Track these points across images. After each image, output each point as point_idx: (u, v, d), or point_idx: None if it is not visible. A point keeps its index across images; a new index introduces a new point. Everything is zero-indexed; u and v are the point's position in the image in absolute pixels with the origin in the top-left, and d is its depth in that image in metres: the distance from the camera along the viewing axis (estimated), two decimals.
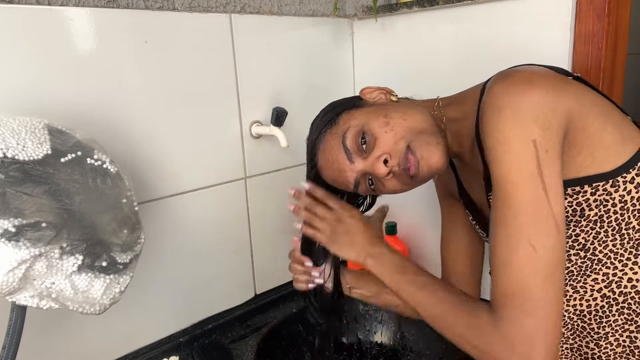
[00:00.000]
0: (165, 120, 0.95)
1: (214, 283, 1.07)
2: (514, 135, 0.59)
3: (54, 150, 0.65)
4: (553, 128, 0.60)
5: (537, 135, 0.58)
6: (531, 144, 0.58)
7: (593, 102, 0.64)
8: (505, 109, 0.60)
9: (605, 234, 0.65)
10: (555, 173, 0.59)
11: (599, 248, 0.66)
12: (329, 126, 0.76)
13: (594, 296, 0.68)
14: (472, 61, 1.04)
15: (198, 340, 1.03)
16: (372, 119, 0.73)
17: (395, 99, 0.78)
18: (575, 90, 0.64)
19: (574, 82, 0.67)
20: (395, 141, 0.71)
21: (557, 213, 0.59)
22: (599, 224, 0.65)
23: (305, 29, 1.16)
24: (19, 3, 0.76)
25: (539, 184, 0.58)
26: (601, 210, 0.64)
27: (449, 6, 1.04)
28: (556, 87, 0.62)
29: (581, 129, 0.62)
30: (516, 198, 0.59)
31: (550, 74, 0.65)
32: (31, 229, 0.61)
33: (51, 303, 0.66)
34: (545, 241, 0.58)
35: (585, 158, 0.63)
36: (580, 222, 0.65)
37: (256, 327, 1.08)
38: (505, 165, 0.60)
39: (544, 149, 0.59)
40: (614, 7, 0.86)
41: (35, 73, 0.79)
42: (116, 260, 0.70)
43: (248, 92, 1.07)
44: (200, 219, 1.03)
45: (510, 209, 0.59)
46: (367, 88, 0.80)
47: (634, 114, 0.70)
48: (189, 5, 0.95)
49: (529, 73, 0.64)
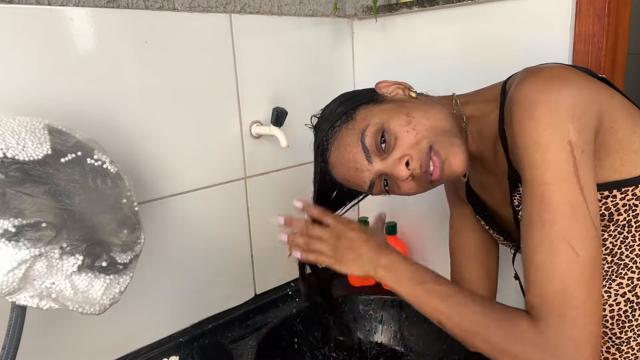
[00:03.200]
0: (166, 120, 0.95)
1: (214, 283, 1.07)
2: (550, 136, 0.57)
3: (54, 151, 0.65)
4: (587, 128, 0.58)
5: (573, 136, 0.56)
6: (567, 145, 0.56)
7: (622, 105, 0.62)
8: (539, 107, 0.58)
9: (632, 238, 0.63)
10: (591, 175, 0.58)
11: (626, 252, 0.64)
12: (344, 120, 0.71)
13: (618, 301, 0.66)
14: (472, 61, 1.04)
15: (198, 340, 1.03)
16: (393, 117, 0.69)
17: (414, 95, 0.74)
18: (605, 91, 0.62)
19: (601, 83, 0.64)
20: (418, 141, 0.67)
21: (594, 216, 0.57)
22: (627, 228, 0.63)
23: (305, 29, 1.16)
24: (19, 3, 0.76)
25: (576, 185, 0.56)
26: (630, 215, 0.62)
27: (449, 6, 1.04)
28: (589, 86, 0.60)
29: (611, 132, 0.60)
30: (554, 200, 0.57)
31: (580, 72, 0.63)
32: (31, 229, 0.61)
33: (51, 303, 0.66)
34: (586, 244, 0.56)
35: (614, 161, 0.61)
36: (609, 227, 0.64)
37: (256, 327, 1.08)
38: (541, 166, 0.57)
39: (579, 150, 0.57)
40: (614, 7, 0.86)
41: (35, 73, 0.79)
42: (116, 261, 0.70)
43: (248, 92, 1.07)
44: (200, 219, 1.03)
45: (548, 212, 0.57)
46: (384, 82, 0.76)
47: None
48: (189, 5, 0.95)
49: (560, 70, 0.61)
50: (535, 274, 0.58)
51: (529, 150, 0.58)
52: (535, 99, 0.58)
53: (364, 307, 1.14)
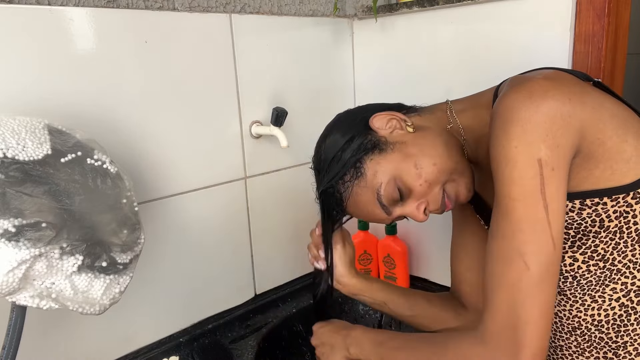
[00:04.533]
0: (166, 120, 0.95)
1: (214, 283, 1.07)
2: (519, 153, 0.58)
3: (54, 151, 0.65)
4: (562, 146, 0.58)
5: (543, 154, 0.57)
6: (536, 162, 0.58)
7: (612, 114, 0.62)
8: (514, 124, 0.59)
9: (624, 244, 0.64)
10: (559, 191, 0.59)
11: (618, 258, 0.65)
12: (354, 176, 0.73)
13: (612, 305, 0.67)
14: (472, 61, 1.04)
15: (198, 340, 1.03)
16: (403, 170, 0.71)
17: (411, 130, 0.74)
18: (593, 101, 0.61)
19: (593, 90, 0.64)
20: (431, 189, 0.72)
21: (556, 232, 0.59)
22: (619, 234, 0.64)
23: (305, 29, 1.16)
24: (19, 3, 0.76)
25: (540, 202, 0.58)
26: (621, 222, 0.63)
27: (449, 6, 1.04)
28: (572, 100, 0.59)
29: (598, 143, 0.60)
30: (515, 215, 0.59)
31: (567, 82, 0.63)
32: (31, 229, 0.61)
33: (51, 303, 0.66)
34: (539, 259, 0.58)
35: (604, 170, 0.61)
36: (600, 234, 0.64)
37: (256, 327, 1.08)
38: (508, 182, 0.59)
39: (549, 168, 0.58)
40: (614, 7, 0.86)
41: (35, 73, 0.79)
42: (116, 261, 0.70)
43: (248, 92, 1.07)
44: (200, 219, 1.03)
45: (509, 226, 0.59)
46: (378, 116, 0.74)
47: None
48: (189, 5, 0.95)
49: (543, 83, 0.61)
50: (487, 283, 0.62)
51: (500, 164, 0.60)
52: (511, 116, 0.59)
53: (364, 307, 1.14)
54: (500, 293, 0.60)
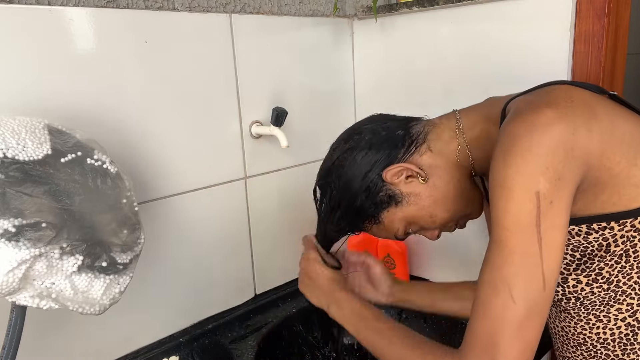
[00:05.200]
0: (166, 120, 0.95)
1: (214, 283, 1.07)
2: (517, 184, 0.56)
3: (54, 151, 0.65)
4: (564, 178, 0.57)
5: (542, 187, 0.56)
6: (534, 195, 0.56)
7: (623, 137, 0.60)
8: (512, 155, 0.57)
9: (630, 267, 0.63)
10: (557, 225, 0.57)
11: (623, 280, 0.64)
12: (372, 223, 0.78)
13: (618, 325, 0.66)
14: (472, 61, 1.04)
15: (198, 340, 1.03)
16: (419, 219, 0.76)
17: (424, 181, 0.74)
18: (602, 128, 0.59)
19: (605, 108, 0.61)
20: (445, 226, 0.78)
21: (548, 268, 0.57)
22: (625, 258, 0.62)
23: (305, 29, 1.16)
24: (19, 3, 0.76)
25: (534, 236, 0.56)
26: (627, 245, 0.61)
27: (449, 6, 1.04)
28: (577, 131, 0.57)
29: (605, 170, 0.59)
30: (507, 246, 0.57)
31: (575, 109, 0.59)
32: (31, 229, 0.61)
33: (51, 303, 0.66)
34: (527, 294, 0.57)
35: (611, 196, 0.60)
36: (605, 257, 0.63)
37: (256, 327, 1.08)
38: (503, 211, 0.58)
39: (547, 201, 0.56)
40: (614, 7, 0.86)
41: (35, 73, 0.79)
42: (116, 261, 0.70)
43: (248, 92, 1.07)
44: (200, 219, 1.03)
45: (500, 255, 0.58)
46: (391, 170, 0.73)
47: None
48: (189, 5, 0.95)
49: (547, 113, 0.58)
50: (474, 310, 0.60)
51: (497, 192, 0.59)
52: (512, 145, 0.58)
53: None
54: (483, 321, 0.58)
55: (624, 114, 0.62)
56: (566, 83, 0.66)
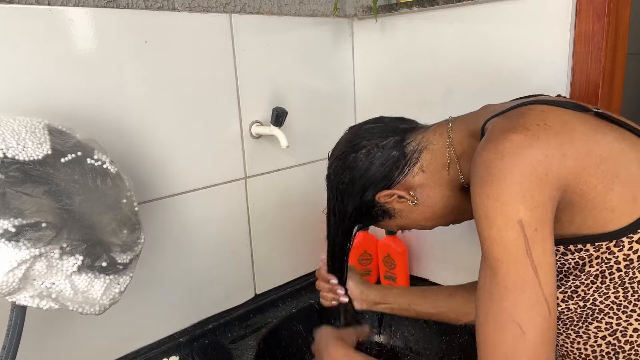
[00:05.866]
0: (165, 120, 0.95)
1: (214, 283, 1.07)
2: (497, 214, 0.56)
3: (54, 151, 0.65)
4: (542, 203, 0.56)
5: (523, 215, 0.55)
6: (517, 224, 0.55)
7: (601, 158, 0.58)
8: (487, 185, 0.57)
9: (606, 288, 0.62)
10: (547, 250, 0.56)
11: (600, 299, 0.63)
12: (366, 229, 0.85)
13: (599, 342, 0.65)
14: (472, 61, 1.04)
15: (198, 340, 1.03)
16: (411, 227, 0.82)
17: (414, 204, 0.76)
18: (578, 151, 0.57)
19: (584, 130, 0.59)
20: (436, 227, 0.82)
21: (549, 294, 0.56)
22: (601, 278, 0.62)
23: (305, 29, 1.16)
24: (19, 3, 0.76)
25: (527, 264, 0.55)
26: (603, 267, 0.61)
27: (449, 6, 1.04)
28: (549, 156, 0.56)
29: (580, 194, 0.58)
30: (503, 277, 0.56)
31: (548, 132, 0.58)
32: (31, 229, 0.61)
33: (51, 303, 0.66)
34: (534, 322, 0.56)
35: (586, 219, 0.59)
36: (580, 276, 0.63)
37: (256, 327, 1.08)
38: (490, 241, 0.57)
39: (532, 228, 0.55)
40: (614, 7, 0.86)
41: (35, 73, 0.79)
42: (116, 261, 0.70)
43: (248, 92, 1.07)
44: (200, 219, 1.03)
45: (497, 287, 0.57)
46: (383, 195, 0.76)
47: (634, 114, 0.69)
48: (189, 5, 0.95)
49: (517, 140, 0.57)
50: (481, 346, 0.59)
51: (480, 223, 0.58)
52: (486, 174, 0.57)
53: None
54: (496, 356, 0.57)
55: (607, 131, 0.61)
56: (545, 102, 0.64)
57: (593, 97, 0.89)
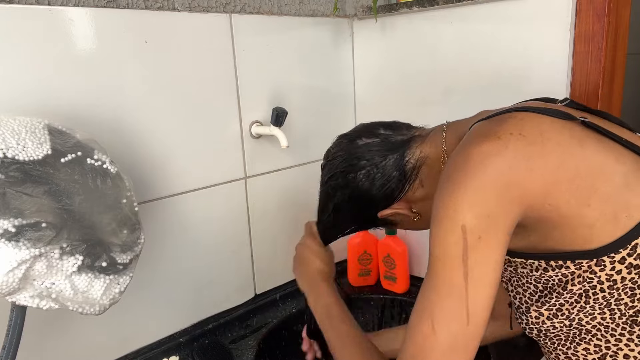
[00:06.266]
0: (165, 120, 0.95)
1: (214, 283, 1.07)
2: (445, 216, 0.57)
3: (54, 151, 0.65)
4: (496, 215, 0.55)
5: (468, 222, 0.55)
6: (459, 228, 0.55)
7: (576, 172, 0.56)
8: (447, 187, 0.58)
9: (591, 308, 0.60)
10: (487, 261, 0.56)
11: (586, 319, 0.61)
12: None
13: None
14: (472, 61, 1.04)
15: (198, 340, 1.03)
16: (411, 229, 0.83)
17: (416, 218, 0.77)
18: (550, 163, 0.56)
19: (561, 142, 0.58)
20: None
21: (474, 304, 0.55)
22: (584, 298, 0.60)
23: (305, 29, 1.16)
24: (19, 3, 0.76)
25: (460, 269, 0.55)
26: (586, 286, 0.59)
27: (449, 6, 1.04)
28: (514, 168, 0.55)
29: (550, 209, 0.56)
30: (435, 273, 0.57)
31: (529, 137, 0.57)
32: (31, 229, 0.61)
33: (51, 303, 0.66)
34: (448, 327, 0.56)
35: (564, 233, 0.57)
36: (563, 294, 0.61)
37: (256, 327, 1.08)
38: (433, 238, 0.58)
39: (475, 236, 0.55)
40: (614, 7, 0.86)
41: (35, 73, 0.79)
42: (116, 261, 0.70)
43: (248, 92, 1.07)
44: (200, 219, 1.03)
45: (429, 283, 0.58)
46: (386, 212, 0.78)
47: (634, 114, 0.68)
48: (189, 5, 0.95)
49: (484, 150, 0.57)
50: (406, 332, 0.61)
51: (432, 220, 0.59)
52: (448, 177, 0.58)
53: (364, 306, 1.14)
54: (409, 346, 0.59)
55: (590, 143, 0.58)
56: (529, 110, 0.62)
57: (593, 97, 0.89)
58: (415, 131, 0.78)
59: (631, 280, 0.57)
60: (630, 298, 0.58)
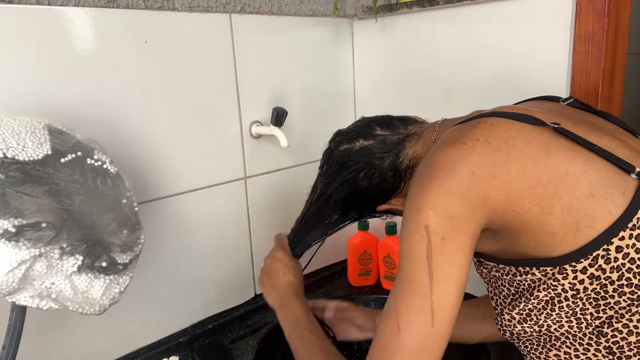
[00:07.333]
0: (165, 120, 0.95)
1: (214, 283, 1.07)
2: (410, 216, 0.58)
3: (54, 151, 0.65)
4: (459, 217, 0.56)
5: (431, 222, 0.56)
6: (423, 228, 0.56)
7: (537, 183, 0.56)
8: (413, 188, 0.60)
9: (558, 316, 0.60)
10: (453, 262, 0.56)
11: (554, 326, 0.61)
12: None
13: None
14: (472, 61, 1.04)
15: (198, 340, 1.03)
16: None
17: None
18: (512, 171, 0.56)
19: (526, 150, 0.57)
20: None
21: (439, 304, 0.56)
22: (550, 305, 0.60)
23: (305, 29, 1.16)
24: (19, 3, 0.77)
25: (425, 268, 0.56)
26: (551, 293, 0.59)
27: (449, 6, 1.04)
28: (476, 173, 0.56)
29: (513, 215, 0.57)
30: (403, 275, 0.58)
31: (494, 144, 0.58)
32: (31, 229, 0.61)
33: (51, 303, 0.66)
34: (412, 327, 0.56)
35: (527, 240, 0.58)
36: (531, 300, 0.61)
37: (256, 327, 1.08)
38: (401, 239, 0.59)
39: (439, 236, 0.56)
40: (614, 7, 0.86)
41: (35, 73, 0.79)
42: (116, 261, 0.70)
43: (248, 92, 1.07)
44: (200, 219, 1.03)
45: (396, 281, 0.59)
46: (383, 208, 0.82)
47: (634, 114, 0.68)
48: (189, 5, 0.95)
49: (450, 154, 0.58)
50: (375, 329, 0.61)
51: (402, 221, 0.60)
52: (417, 179, 0.60)
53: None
54: (375, 346, 0.59)
55: (558, 151, 0.58)
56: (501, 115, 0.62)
57: (593, 97, 0.89)
58: (412, 128, 0.78)
59: (594, 290, 0.57)
60: (595, 308, 0.58)
